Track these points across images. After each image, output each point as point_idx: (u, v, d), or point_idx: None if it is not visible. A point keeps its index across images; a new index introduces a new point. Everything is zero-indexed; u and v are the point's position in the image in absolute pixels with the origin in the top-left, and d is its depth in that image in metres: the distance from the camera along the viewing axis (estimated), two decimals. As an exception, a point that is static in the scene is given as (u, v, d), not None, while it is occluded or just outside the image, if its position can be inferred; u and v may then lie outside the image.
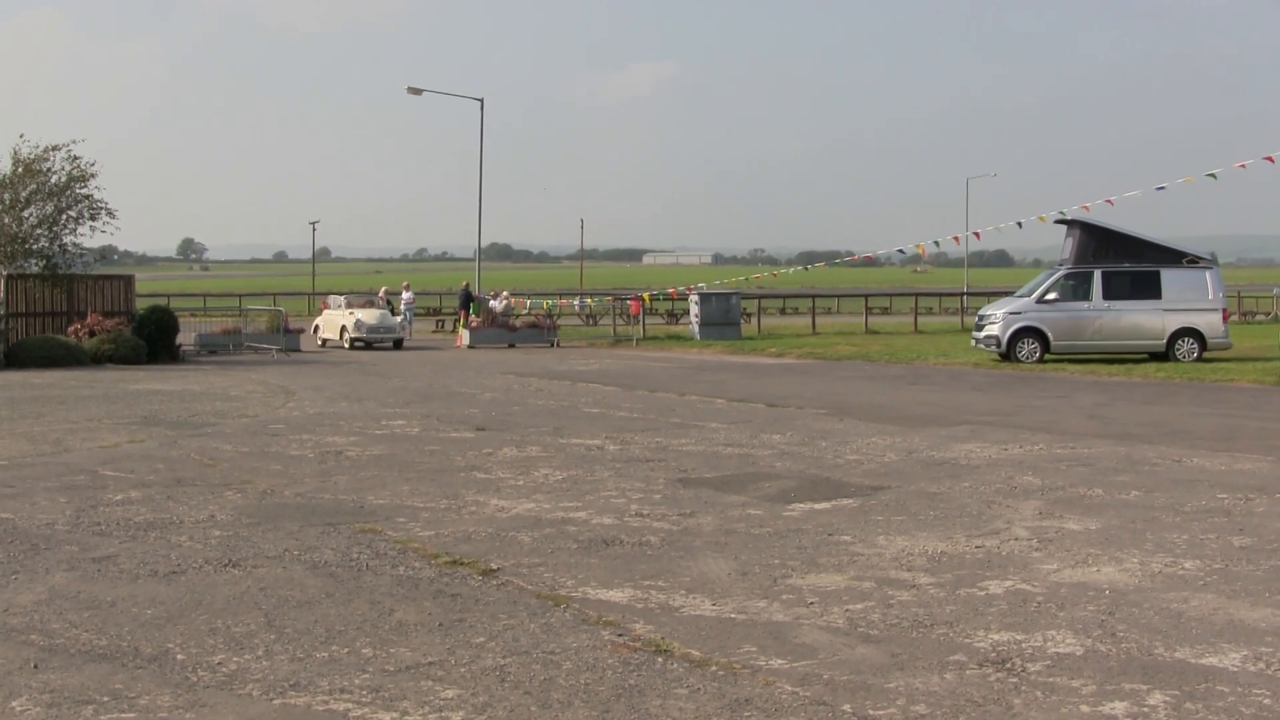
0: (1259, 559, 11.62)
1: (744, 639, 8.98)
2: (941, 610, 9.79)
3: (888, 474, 16.53)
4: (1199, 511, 13.99)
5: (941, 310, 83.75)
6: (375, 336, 50.48)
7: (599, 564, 11.34)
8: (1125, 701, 7.67)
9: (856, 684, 7.97)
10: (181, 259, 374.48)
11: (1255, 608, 9.93)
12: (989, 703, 7.64)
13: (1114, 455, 18.33)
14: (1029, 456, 18.16)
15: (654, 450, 18.72)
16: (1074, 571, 11.12)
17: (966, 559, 11.58)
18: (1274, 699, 7.73)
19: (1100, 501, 14.62)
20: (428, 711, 7.41)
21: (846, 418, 23.32)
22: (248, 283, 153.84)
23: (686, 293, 59.17)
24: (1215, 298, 39.01)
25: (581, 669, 8.25)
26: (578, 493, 15.08)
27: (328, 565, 11.25)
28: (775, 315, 77.92)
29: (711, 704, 7.58)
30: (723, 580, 10.73)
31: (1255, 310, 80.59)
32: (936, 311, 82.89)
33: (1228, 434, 21.09)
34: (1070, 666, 8.38)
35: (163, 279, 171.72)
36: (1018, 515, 13.72)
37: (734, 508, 14.14)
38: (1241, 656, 8.61)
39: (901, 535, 12.61)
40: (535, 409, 25.13)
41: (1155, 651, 8.74)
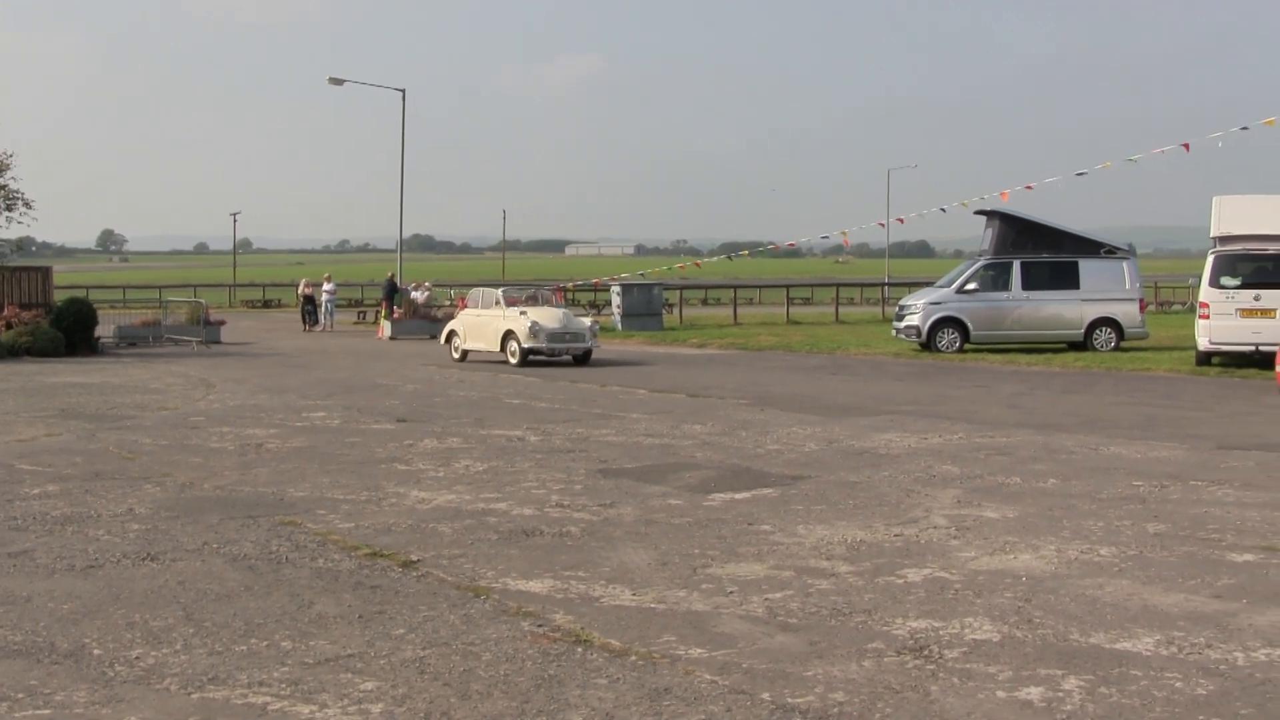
0: (1173, 545, 11.75)
1: (664, 628, 9.01)
2: (860, 598, 9.85)
3: (808, 463, 16.61)
4: (1115, 499, 14.13)
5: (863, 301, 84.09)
6: (561, 346, 35.77)
7: (519, 555, 11.34)
8: (1041, 687, 7.75)
9: (775, 672, 8.01)
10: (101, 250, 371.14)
11: (1169, 593, 10.04)
12: (906, 690, 7.70)
13: (1032, 444, 18.48)
14: (948, 446, 18.28)
15: (575, 441, 18.74)
16: (991, 559, 11.21)
17: (885, 547, 11.65)
18: (1186, 682, 7.83)
19: (1018, 490, 14.74)
20: (347, 704, 7.40)
21: (768, 408, 23.40)
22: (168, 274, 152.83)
23: (609, 283, 59.19)
24: (1132, 288, 39.39)
25: (501, 660, 8.25)
26: (498, 484, 15.07)
27: (247, 558, 11.20)
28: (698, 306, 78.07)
29: (631, 693, 7.60)
30: (643, 570, 10.76)
31: (1172, 300, 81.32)
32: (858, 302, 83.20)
33: (1144, 422, 21.30)
34: (987, 653, 8.45)
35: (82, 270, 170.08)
36: (936, 504, 13.82)
37: (654, 498, 14.17)
38: (1155, 641, 8.71)
39: (821, 524, 12.67)
40: (457, 400, 25.10)
41: (1071, 637, 8.83)
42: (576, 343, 35.81)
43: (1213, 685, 7.80)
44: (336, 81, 59.31)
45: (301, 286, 61.43)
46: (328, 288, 59.54)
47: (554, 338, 35.34)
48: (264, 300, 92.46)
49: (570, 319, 36.58)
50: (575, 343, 35.79)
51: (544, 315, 35.92)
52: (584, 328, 36.25)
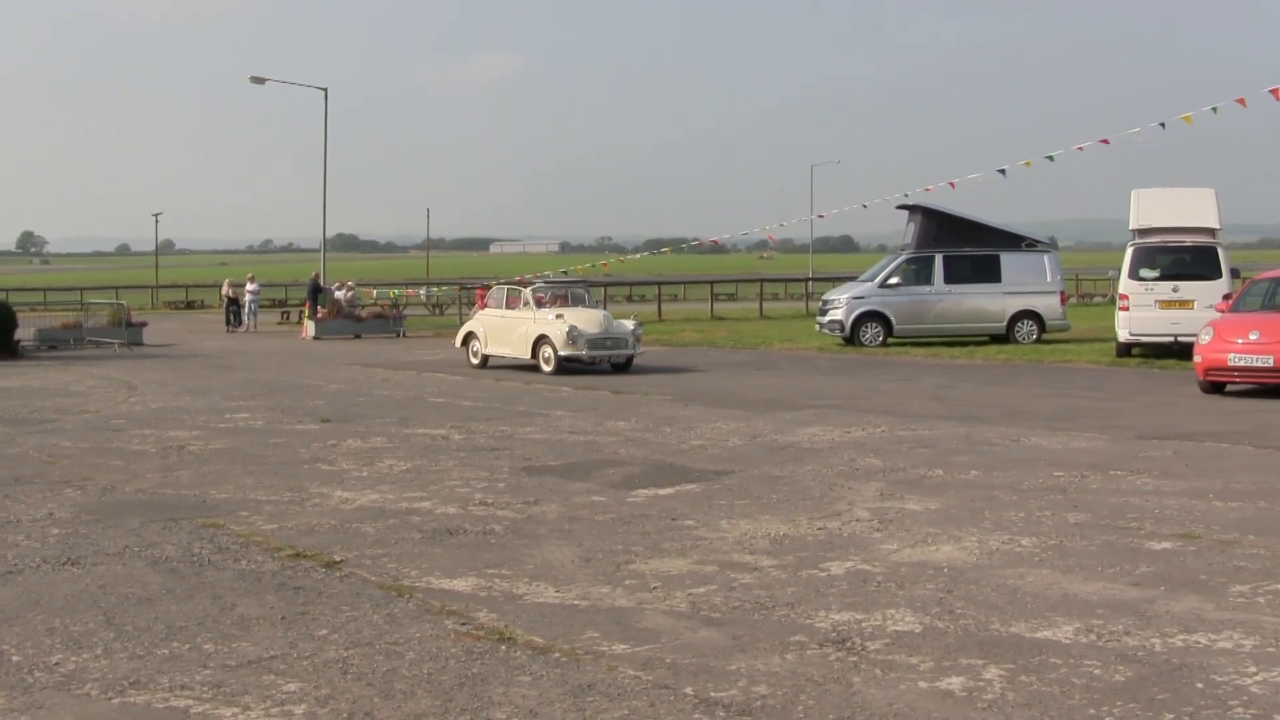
0: (1093, 534, 11.86)
1: (587, 625, 9.03)
2: (783, 592, 9.90)
3: (732, 458, 16.66)
4: (1036, 489, 14.25)
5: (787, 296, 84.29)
6: (602, 353, 31.76)
7: (443, 553, 11.34)
8: (962, 676, 7.82)
9: (699, 666, 8.04)
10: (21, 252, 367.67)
11: (1088, 582, 10.15)
12: (829, 681, 7.74)
13: (955, 436, 18.60)
14: (871, 439, 18.37)
15: (499, 439, 18.72)
16: (914, 551, 11.29)
17: (808, 541, 11.71)
18: (1104, 669, 7.92)
19: (940, 482, 14.83)
20: (270, 706, 7.38)
21: (692, 404, 23.45)
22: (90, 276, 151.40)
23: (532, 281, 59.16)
24: (1054, 281, 39.70)
25: (425, 659, 8.25)
26: (422, 483, 15.05)
27: (169, 561, 11.14)
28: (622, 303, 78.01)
29: (554, 690, 7.61)
30: (566, 567, 10.77)
31: (1093, 292, 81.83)
32: (782, 297, 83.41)
33: (1065, 414, 21.47)
34: (909, 644, 8.52)
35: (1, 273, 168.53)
36: (859, 497, 13.89)
37: (578, 495, 14.18)
38: (1074, 629, 8.80)
39: (744, 519, 12.72)
40: (381, 399, 25.03)
41: (992, 627, 8.91)
42: (618, 349, 31.89)
43: (1131, 672, 7.89)
44: (258, 80, 59.01)
45: (225, 287, 61.06)
46: (251, 288, 59.21)
47: (595, 344, 31.38)
48: (187, 301, 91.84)
49: (611, 322, 32.47)
50: (617, 349, 31.88)
51: (583, 318, 31.82)
52: (626, 332, 32.23)
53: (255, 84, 59.07)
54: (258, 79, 58.96)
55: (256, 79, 58.94)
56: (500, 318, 34.09)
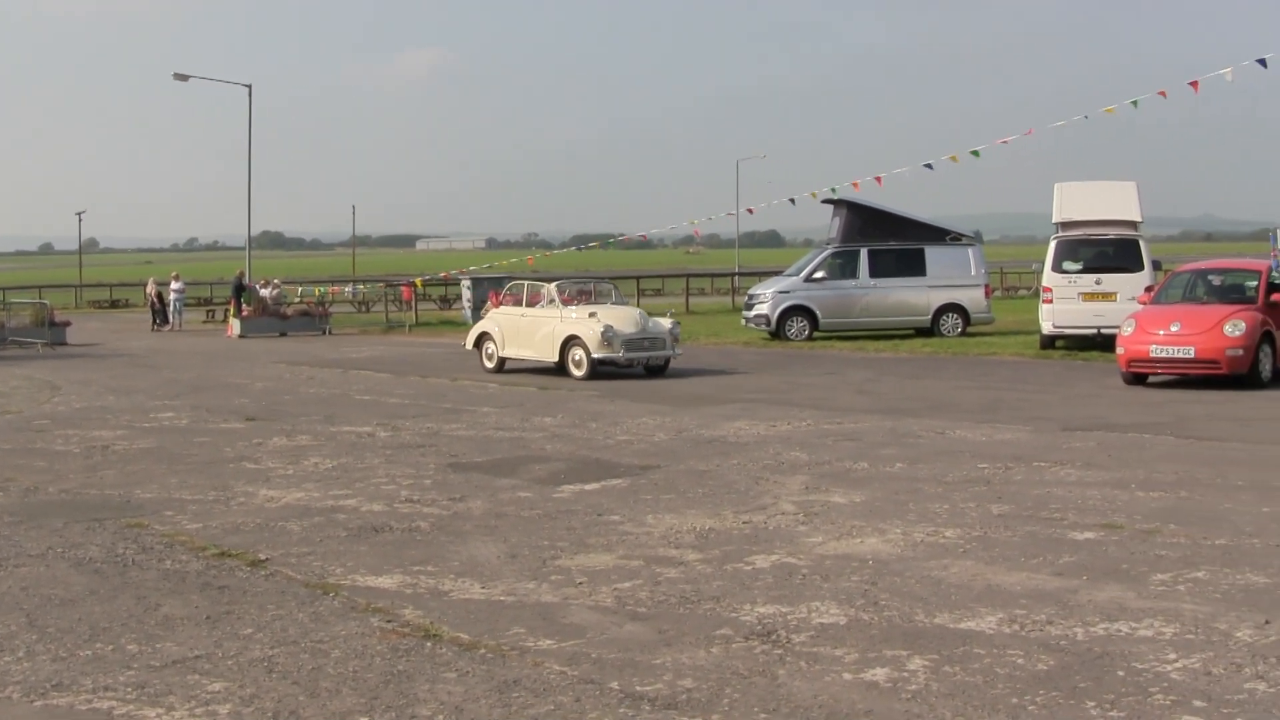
0: (1016, 525, 11.95)
1: (513, 621, 9.03)
2: (709, 586, 9.93)
3: (657, 453, 16.69)
4: (960, 481, 14.34)
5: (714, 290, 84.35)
6: (640, 355, 28.90)
7: (368, 551, 11.31)
8: (887, 668, 7.87)
9: (624, 661, 8.06)
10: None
11: (1011, 572, 10.22)
12: (754, 674, 7.78)
13: (880, 429, 18.69)
14: (797, 433, 18.43)
15: (425, 436, 18.69)
16: (839, 543, 11.34)
17: (734, 534, 11.74)
18: (1027, 658, 7.99)
19: (865, 475, 14.90)
20: (194, 706, 7.34)
21: (618, 399, 23.47)
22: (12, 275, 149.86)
23: (459, 277, 59.02)
24: (978, 274, 39.91)
25: (350, 656, 8.23)
26: (348, 480, 15.00)
27: (92, 562, 11.06)
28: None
29: (480, 686, 7.61)
30: (492, 563, 10.77)
31: (1018, 285, 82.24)
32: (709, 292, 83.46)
33: (990, 406, 21.61)
34: (834, 636, 8.56)
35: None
36: (785, 490, 13.94)
37: (504, 491, 14.17)
38: (998, 619, 8.87)
39: (670, 513, 12.74)
40: (306, 397, 24.93)
41: (916, 618, 8.96)
42: (656, 350, 29.04)
43: (1053, 661, 7.96)
44: (181, 77, 58.61)
45: (149, 286, 60.61)
46: (176, 286, 58.77)
47: (631, 345, 28.55)
48: (111, 300, 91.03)
49: (648, 321, 29.60)
50: (655, 350, 29.03)
51: (618, 317, 29.01)
52: (663, 331, 29.37)
53: (179, 81, 58.69)
54: (181, 76, 58.57)
55: (180, 76, 58.55)
56: (520, 317, 30.63)
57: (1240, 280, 26.39)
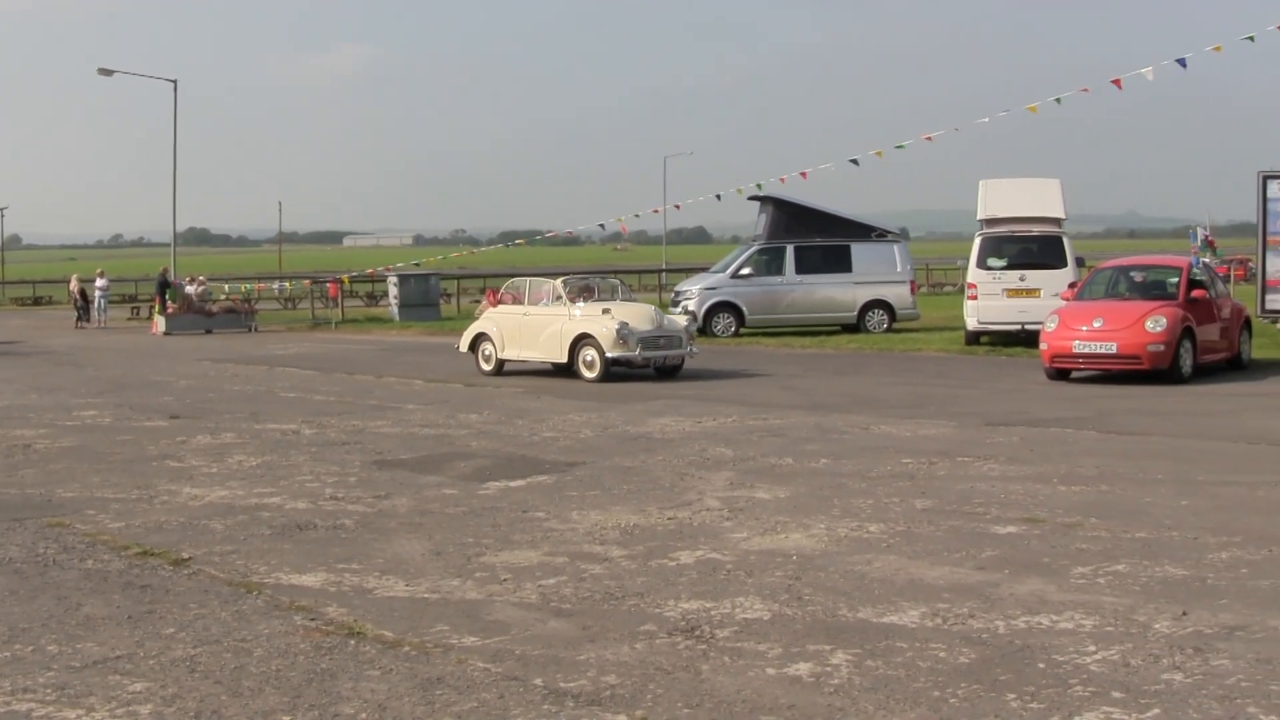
0: (939, 520, 12.03)
1: (437, 618, 9.02)
2: (633, 582, 9.95)
3: (583, 450, 16.69)
4: (885, 477, 14.41)
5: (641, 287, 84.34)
6: (656, 354, 27.08)
7: (293, 549, 11.27)
8: (810, 662, 7.90)
9: (548, 657, 8.06)
10: None
11: (934, 566, 10.29)
12: (678, 670, 7.80)
13: (805, 425, 18.75)
14: (722, 429, 18.48)
15: (350, 433, 18.62)
16: (763, 539, 11.38)
17: (658, 530, 11.77)
18: (949, 651, 8.05)
19: (790, 470, 14.95)
20: (115, 706, 7.30)
21: (544, 395, 23.45)
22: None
23: (385, 274, 58.84)
24: (903, 270, 40.11)
25: (273, 655, 8.20)
26: (272, 478, 14.93)
27: (12, 562, 10.96)
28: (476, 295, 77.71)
29: (404, 684, 7.60)
30: (417, 561, 10.76)
31: (944, 282, 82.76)
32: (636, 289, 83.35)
33: (914, 401, 21.72)
34: (757, 631, 8.59)
35: None
36: (710, 486, 13.97)
37: (429, 488, 14.15)
38: (920, 613, 8.93)
39: (595, 509, 12.75)
40: (231, 395, 24.79)
41: (839, 613, 9.01)
42: (672, 349, 27.31)
43: (975, 654, 8.02)
44: (106, 72, 58.17)
45: (73, 283, 60.11)
46: (100, 283, 58.34)
47: (648, 343, 26.69)
48: (34, 298, 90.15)
49: (663, 318, 28.04)
50: (671, 349, 27.29)
51: (632, 314, 27.16)
52: (679, 329, 27.72)
53: (104, 76, 58.25)
54: (106, 71, 58.13)
55: (104, 71, 58.10)
56: (523, 315, 28.44)
57: (1162, 277, 26.69)
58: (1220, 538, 11.19)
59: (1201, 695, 7.27)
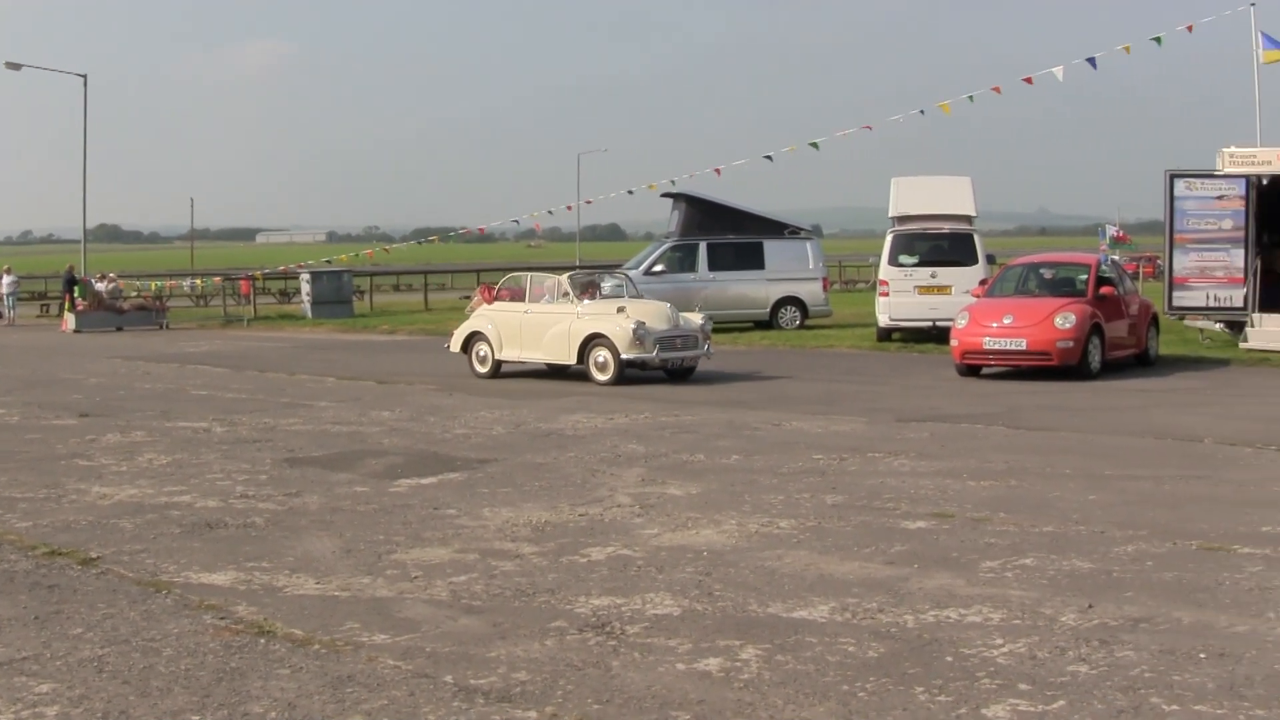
0: (849, 515, 12.10)
1: (347, 616, 9.00)
2: (544, 578, 9.96)
3: (495, 447, 16.67)
4: (796, 472, 14.47)
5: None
6: (674, 355, 25.37)
7: (202, 547, 11.20)
8: (720, 657, 7.94)
9: (459, 655, 8.06)
10: None
11: (844, 561, 10.35)
12: (588, 666, 7.82)
13: (717, 421, 18.80)
14: (635, 425, 18.50)
15: (262, 431, 18.52)
16: (674, 535, 11.41)
17: (570, 527, 11.78)
18: (858, 646, 8.10)
19: (702, 467, 15.00)
20: (20, 708, 7.23)
21: (456, 392, 23.40)
22: None
23: (297, 271, 58.54)
24: (816, 267, 40.24)
25: (182, 655, 8.16)
26: (183, 476, 14.83)
27: (-84, 562, 10.87)
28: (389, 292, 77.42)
29: (313, 683, 7.58)
30: (327, 559, 10.72)
31: (856, 279, 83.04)
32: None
33: (826, 398, 21.83)
34: (668, 627, 8.62)
35: None
36: (621, 483, 13.99)
37: (341, 485, 14.10)
38: (830, 608, 8.98)
39: (506, 506, 12.74)
40: (142, 393, 24.60)
41: (749, 608, 9.05)
42: (689, 350, 25.65)
43: (883, 648, 8.08)
44: (14, 66, 57.54)
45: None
46: (8, 280, 57.66)
47: (666, 344, 25.03)
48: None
49: (680, 317, 26.12)
50: (688, 350, 25.63)
51: (649, 312, 25.53)
52: (695, 329, 26.01)
53: (11, 70, 57.64)
54: (13, 65, 57.52)
55: (12, 65, 57.48)
56: (524, 314, 26.59)
57: (1071, 274, 26.92)
58: (1126, 531, 11.32)
59: (1106, 686, 7.35)
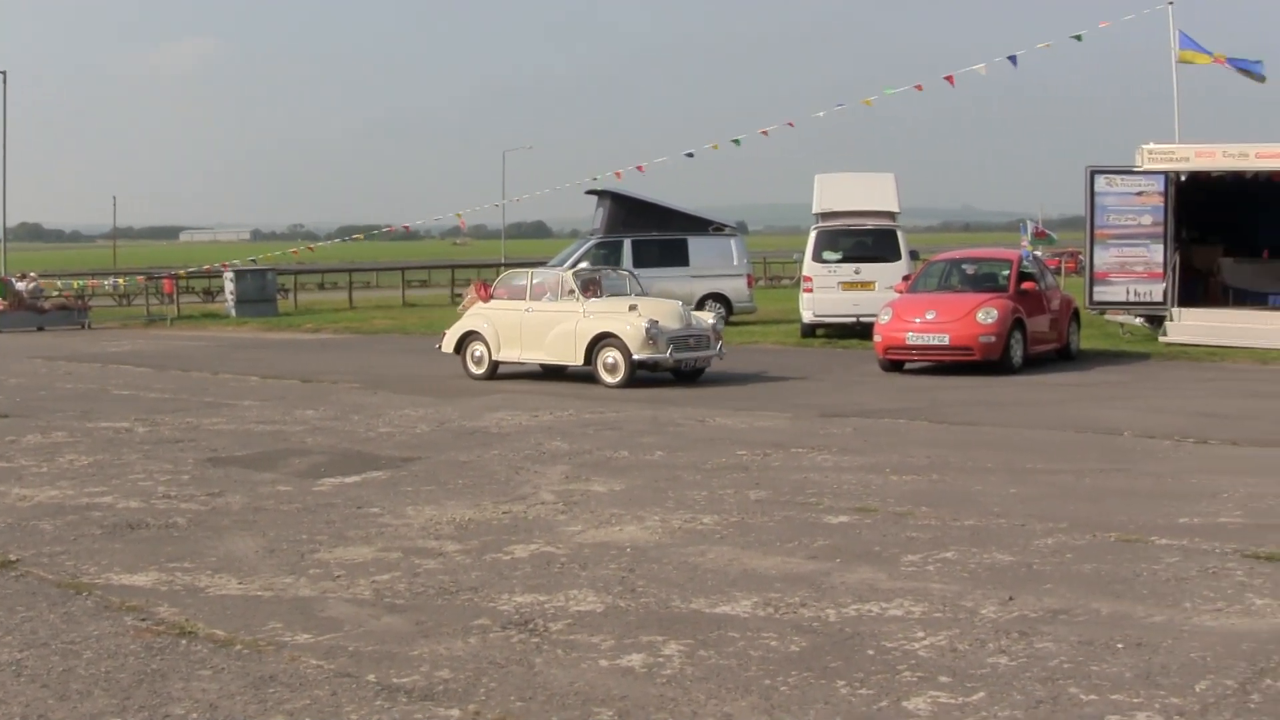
0: (773, 510, 12.15)
1: (270, 616, 8.98)
2: (467, 576, 9.96)
3: (419, 445, 16.63)
4: (719, 468, 14.52)
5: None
6: (688, 356, 24.15)
7: (124, 549, 11.13)
8: (643, 653, 7.97)
9: (381, 653, 8.06)
10: None
11: (767, 556, 10.41)
12: (511, 663, 7.83)
13: (641, 418, 18.83)
14: (559, 422, 18.50)
15: (185, 430, 18.40)
16: (598, 532, 11.44)
17: (493, 525, 11.78)
18: (780, 640, 8.15)
19: (626, 463, 15.02)
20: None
21: (381, 391, 23.32)
22: None
23: (221, 269, 58.19)
24: (740, 264, 40.31)
25: (103, 657, 8.11)
26: (104, 477, 14.72)
27: None
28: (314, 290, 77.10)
29: (235, 683, 7.56)
30: (250, 558, 10.68)
31: (781, 275, 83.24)
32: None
33: (750, 394, 21.90)
34: (591, 623, 8.65)
35: None
36: (545, 480, 14.00)
37: (264, 485, 14.03)
38: (752, 603, 9.03)
39: (430, 505, 12.73)
40: (63, 393, 24.37)
41: (672, 604, 9.09)
42: (702, 350, 24.41)
43: (806, 642, 8.14)
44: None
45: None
46: (-75, 281, 57.19)
47: (679, 344, 23.82)
48: None
49: (690, 315, 25.16)
50: (701, 350, 24.39)
51: (661, 311, 24.42)
52: (707, 328, 24.83)
53: (-73, 68, 57.12)
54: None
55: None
56: (524, 312, 25.38)
57: (993, 269, 27.13)
58: (1047, 524, 11.43)
59: (1025, 678, 7.43)
